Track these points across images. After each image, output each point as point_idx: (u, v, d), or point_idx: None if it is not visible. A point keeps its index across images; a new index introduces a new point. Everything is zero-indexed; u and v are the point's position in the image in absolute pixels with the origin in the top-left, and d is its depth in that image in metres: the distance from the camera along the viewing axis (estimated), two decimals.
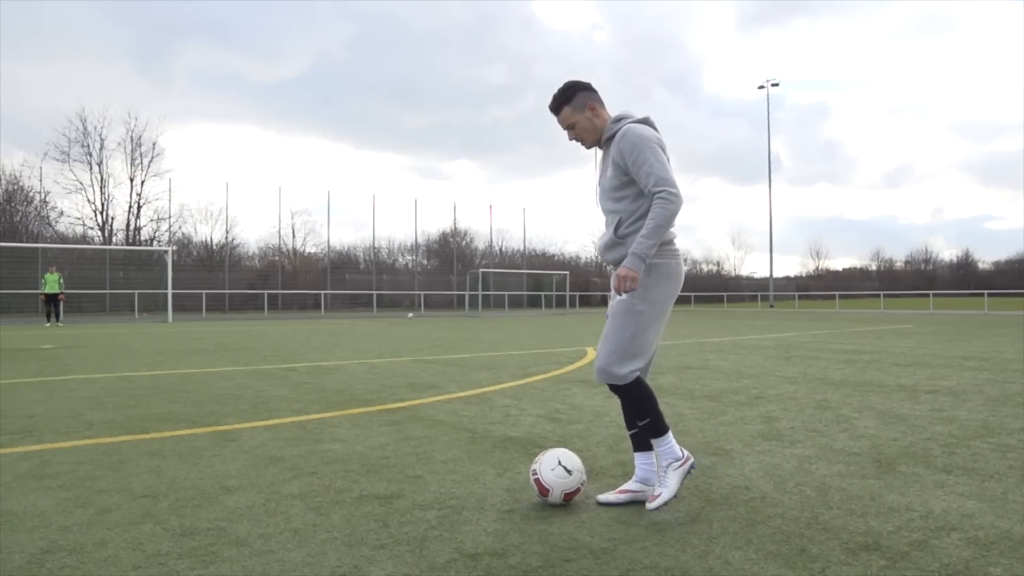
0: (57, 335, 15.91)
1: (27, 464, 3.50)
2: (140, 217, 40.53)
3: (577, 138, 2.95)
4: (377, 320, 26.40)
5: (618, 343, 2.76)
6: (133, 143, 40.25)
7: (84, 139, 39.02)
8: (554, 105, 2.94)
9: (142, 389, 6.32)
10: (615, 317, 2.81)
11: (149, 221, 40.76)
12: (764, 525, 2.55)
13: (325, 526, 2.54)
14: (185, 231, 41.39)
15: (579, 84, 2.93)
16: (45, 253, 29.76)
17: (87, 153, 39.10)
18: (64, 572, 2.11)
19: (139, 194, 40.25)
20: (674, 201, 2.67)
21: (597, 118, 2.91)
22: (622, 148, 2.75)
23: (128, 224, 40.32)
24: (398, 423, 4.62)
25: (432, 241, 49.29)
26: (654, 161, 2.70)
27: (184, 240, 41.18)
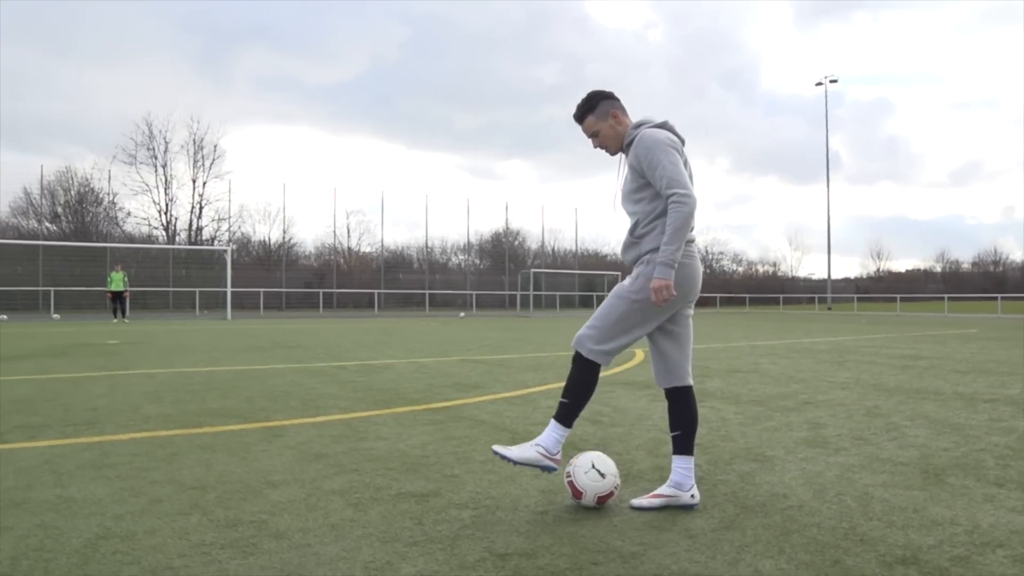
0: (122, 331, 16.57)
1: (89, 454, 3.68)
2: (202, 217, 41.86)
3: (601, 145, 3.03)
4: (429, 319, 26.70)
5: (601, 322, 2.87)
6: (196, 146, 41.63)
7: (150, 142, 40.54)
8: (578, 114, 3.02)
9: (198, 385, 6.55)
10: (611, 297, 2.91)
11: (210, 221, 42.07)
12: (799, 534, 2.52)
13: (362, 522, 2.62)
14: (244, 231, 42.61)
15: (602, 93, 3.02)
16: (113, 252, 30.99)
17: (152, 156, 40.61)
18: (116, 557, 2.24)
19: (201, 195, 41.58)
20: (686, 203, 2.71)
21: (620, 125, 2.98)
22: (637, 152, 2.83)
23: (190, 224, 41.67)
24: (441, 422, 4.70)
25: (484, 241, 49.59)
26: (667, 163, 2.75)
27: (243, 239, 42.37)
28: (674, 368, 2.96)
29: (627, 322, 2.84)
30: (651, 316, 2.87)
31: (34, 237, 34.10)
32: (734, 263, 63.75)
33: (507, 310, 41.10)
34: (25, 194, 36.30)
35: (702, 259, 3.10)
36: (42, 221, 36.66)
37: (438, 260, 48.25)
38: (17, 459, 3.58)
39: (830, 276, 52.71)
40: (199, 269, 36.39)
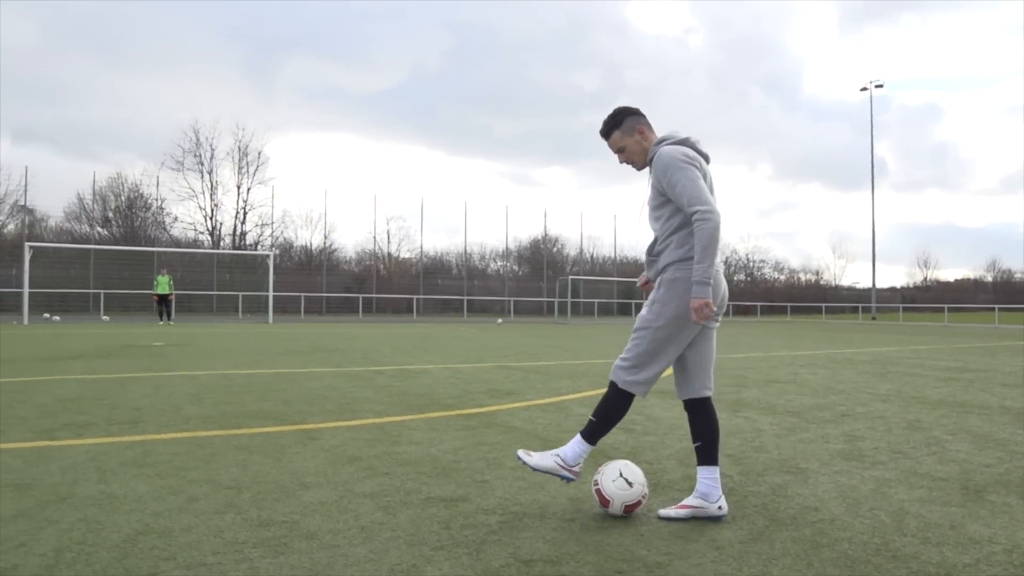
0: (168, 333, 17.00)
1: (131, 452, 3.80)
2: (246, 222, 42.69)
3: (628, 161, 3.07)
4: (467, 325, 26.83)
5: (631, 353, 2.93)
6: (240, 152, 42.51)
7: (196, 149, 41.51)
8: (604, 130, 3.08)
9: (238, 387, 6.70)
10: (635, 328, 2.96)
11: (254, 226, 42.87)
12: (829, 548, 2.49)
13: (391, 525, 2.66)
14: (287, 236, 43.32)
15: (627, 109, 3.07)
16: (160, 256, 31.79)
17: (199, 162, 41.57)
18: (153, 552, 2.31)
19: (245, 200, 42.42)
20: (710, 218, 2.73)
21: (645, 141, 3.03)
22: (656, 171, 2.88)
23: (235, 229, 42.53)
24: (473, 428, 4.73)
25: (523, 248, 49.66)
26: (685, 181, 2.78)
27: (286, 244, 43.09)
28: (694, 380, 2.98)
29: (655, 350, 2.89)
30: (677, 339, 2.90)
31: (86, 241, 35.18)
32: (776, 271, 62.73)
33: (545, 317, 41.07)
34: (78, 199, 37.50)
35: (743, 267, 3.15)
36: (93, 226, 37.81)
37: (477, 266, 48.47)
38: (64, 456, 3.71)
39: (875, 285, 51.58)
40: (242, 273, 37.11)
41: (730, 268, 58.09)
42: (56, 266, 31.99)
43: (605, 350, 13.01)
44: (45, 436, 4.23)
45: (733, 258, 58.72)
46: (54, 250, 31.55)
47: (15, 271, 26.60)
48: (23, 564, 2.21)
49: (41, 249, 28.71)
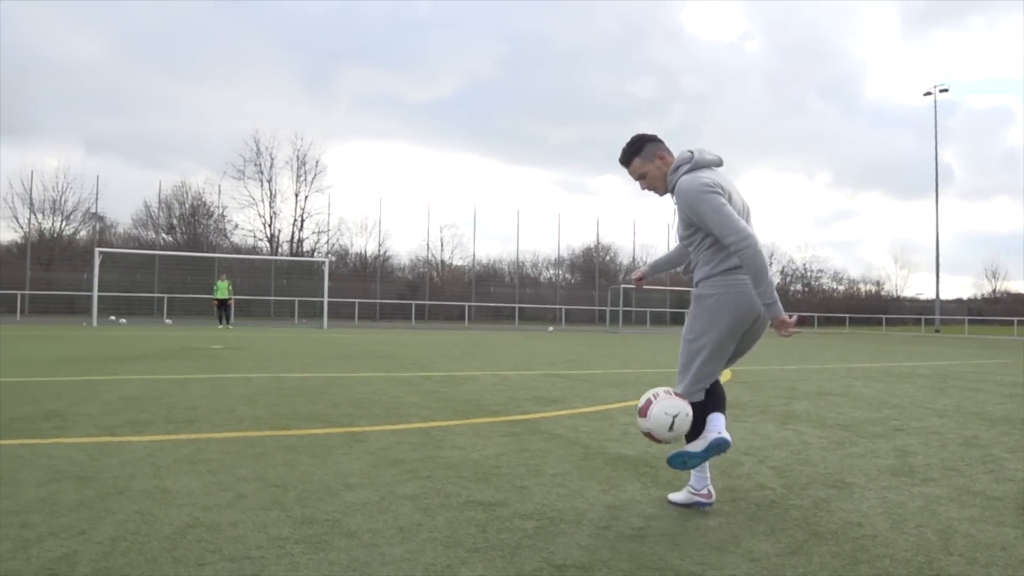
0: (226, 337, 17.52)
1: (186, 450, 3.96)
2: (303, 230, 43.72)
3: (649, 187, 3.16)
4: (517, 333, 26.90)
5: (684, 368, 3.12)
6: (299, 161, 43.59)
7: (257, 158, 42.76)
8: (624, 158, 3.16)
9: (290, 389, 6.88)
10: (681, 345, 3.16)
11: (311, 234, 43.87)
12: (868, 565, 2.45)
13: (428, 526, 2.72)
14: (342, 243, 44.18)
15: (646, 136, 3.15)
16: (220, 262, 32.79)
17: (259, 171, 42.79)
18: (200, 544, 2.42)
19: (303, 208, 43.46)
20: (748, 245, 2.83)
21: (666, 166, 3.10)
22: (681, 204, 2.97)
23: (292, 236, 43.60)
24: (517, 435, 4.77)
25: (576, 256, 49.59)
26: (711, 213, 2.87)
27: (342, 251, 43.95)
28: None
29: (701, 361, 3.04)
30: (715, 340, 3.02)
31: (152, 247, 36.54)
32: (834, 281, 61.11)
33: (596, 325, 40.88)
34: (145, 207, 39.03)
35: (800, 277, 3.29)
36: (159, 232, 39.28)
37: (529, 274, 48.57)
38: (123, 451, 3.89)
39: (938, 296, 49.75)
40: (299, 279, 37.99)
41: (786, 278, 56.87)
42: (124, 271, 33.31)
43: (654, 359, 12.90)
44: (107, 432, 4.44)
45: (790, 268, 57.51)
46: (122, 255, 32.87)
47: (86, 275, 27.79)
48: (82, 550, 2.35)
49: (110, 255, 29.94)
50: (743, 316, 2.98)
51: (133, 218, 39.45)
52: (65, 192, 37.11)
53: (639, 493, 3.34)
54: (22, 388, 6.52)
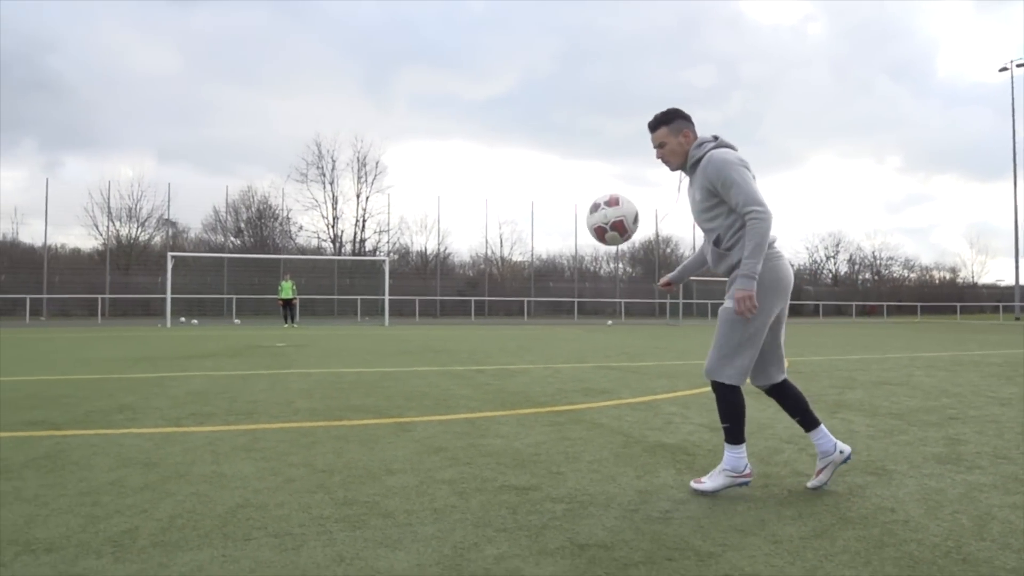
0: (290, 335, 18.11)
1: (243, 439, 4.20)
2: (365, 230, 44.62)
3: (663, 158, 3.19)
4: (576, 327, 26.92)
5: (723, 347, 3.07)
6: (359, 163, 44.50)
7: (319, 162, 43.83)
8: (653, 123, 3.19)
9: (347, 384, 7.14)
10: (722, 325, 3.09)
11: (372, 233, 44.74)
12: (894, 548, 2.46)
13: (462, 508, 2.85)
14: (403, 242, 44.93)
15: (681, 112, 3.19)
16: (285, 263, 33.81)
17: (321, 174, 43.87)
18: (248, 522, 2.61)
19: (364, 209, 44.36)
20: (763, 219, 2.89)
21: (688, 143, 3.15)
22: (708, 173, 3.01)
23: (355, 236, 44.55)
24: (560, 424, 4.87)
25: (636, 249, 49.20)
26: (740, 181, 2.94)
27: (403, 250, 44.70)
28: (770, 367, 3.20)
29: (745, 338, 3.04)
30: (762, 324, 3.05)
31: (221, 250, 37.92)
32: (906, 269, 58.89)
33: (657, 318, 40.49)
34: (214, 212, 40.51)
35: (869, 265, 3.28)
36: (227, 236, 40.70)
37: (588, 268, 48.42)
38: (186, 440, 4.16)
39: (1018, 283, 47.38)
40: (362, 278, 38.81)
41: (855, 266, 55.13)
42: (195, 274, 34.71)
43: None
44: (173, 423, 4.74)
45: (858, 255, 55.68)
46: (193, 259, 34.25)
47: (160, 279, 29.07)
48: (143, 526, 2.57)
49: (182, 258, 31.25)
50: (790, 288, 3.12)
51: (203, 223, 41.04)
52: (140, 200, 38.90)
53: (672, 479, 3.40)
54: (100, 385, 6.95)
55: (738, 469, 3.08)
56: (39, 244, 35.49)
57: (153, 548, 2.36)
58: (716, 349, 3.09)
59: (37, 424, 4.70)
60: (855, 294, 49.54)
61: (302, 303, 28.95)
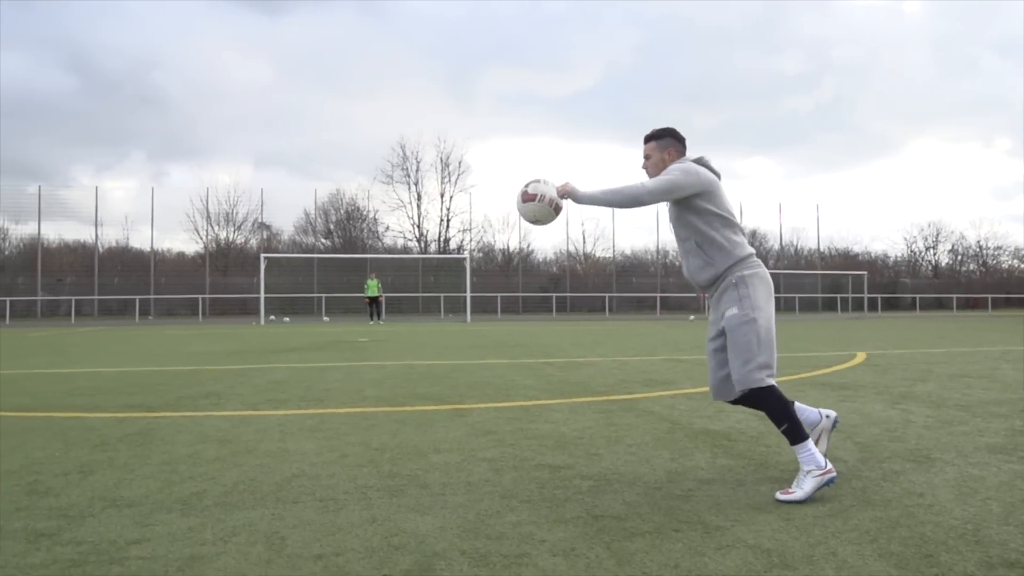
0: (374, 331, 18.81)
1: (311, 422, 4.57)
2: (449, 229, 45.50)
3: (645, 169, 3.38)
4: (656, 322, 26.72)
5: (744, 353, 2.97)
6: (442, 163, 45.40)
7: (403, 163, 44.94)
8: (648, 135, 3.38)
9: (417, 375, 7.49)
10: (734, 331, 3.01)
11: (456, 232, 45.56)
12: (908, 529, 2.50)
13: (494, 482, 3.07)
14: (486, 239, 45.55)
15: (674, 132, 3.38)
16: (372, 263, 34.95)
17: (406, 175, 44.97)
18: (300, 489, 2.93)
19: (448, 208, 45.22)
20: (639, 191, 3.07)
21: (669, 162, 3.29)
22: None
23: (439, 235, 45.50)
24: (612, 412, 5.02)
25: None
26: (668, 174, 3.09)
27: (486, 248, 45.33)
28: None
29: (765, 337, 3.01)
30: (769, 317, 3.07)
31: (311, 251, 39.53)
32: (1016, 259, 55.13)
33: None
34: (305, 214, 42.21)
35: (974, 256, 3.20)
36: (317, 237, 42.38)
37: (673, 263, 47.74)
38: (260, 422, 4.56)
39: None
40: (445, 276, 39.59)
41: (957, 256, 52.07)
42: (287, 274, 36.31)
43: (787, 344, 12.52)
44: (251, 408, 5.17)
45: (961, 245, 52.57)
46: (286, 260, 35.87)
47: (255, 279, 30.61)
48: (209, 490, 2.93)
49: (275, 260, 32.81)
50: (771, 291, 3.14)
51: (295, 225, 42.82)
52: (236, 205, 41.00)
53: (705, 462, 3.51)
54: (192, 375, 7.56)
55: (820, 465, 2.88)
56: (147, 249, 37.99)
57: (215, 507, 2.69)
58: (737, 358, 2.98)
59: (134, 407, 5.23)
60: (956, 286, 46.77)
61: (388, 301, 29.90)
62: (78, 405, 5.38)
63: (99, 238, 37.02)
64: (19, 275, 35.92)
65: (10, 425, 4.56)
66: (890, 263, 48.89)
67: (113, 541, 2.33)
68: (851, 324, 24.54)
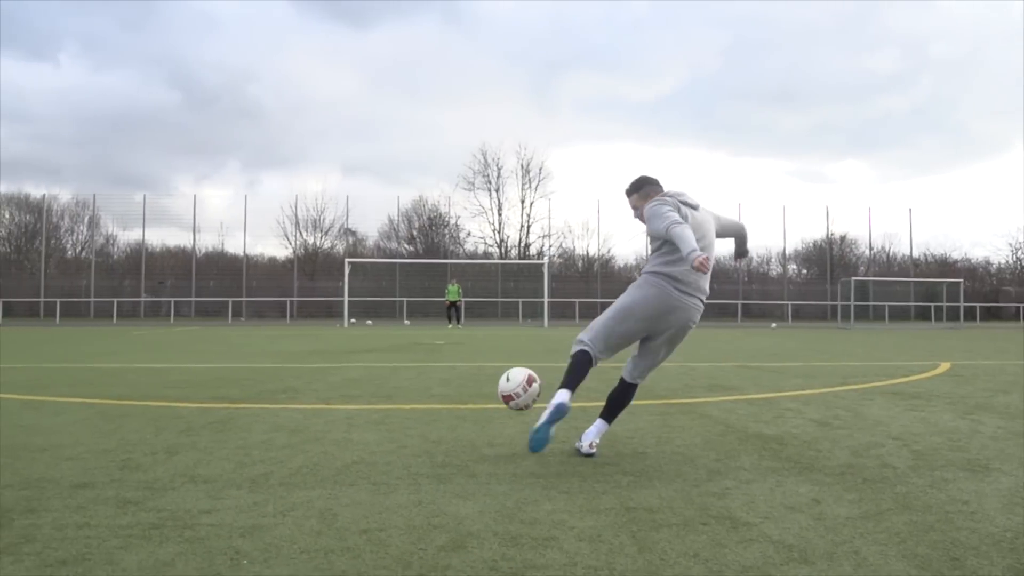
0: (452, 335, 19.24)
1: (376, 416, 4.85)
2: (529, 234, 45.85)
3: (639, 218, 3.86)
4: (736, 330, 26.19)
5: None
6: (523, 169, 45.81)
7: (485, 169, 45.61)
8: (628, 190, 3.98)
9: (485, 376, 7.71)
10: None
11: (536, 238, 45.86)
12: (941, 534, 2.50)
13: (539, 474, 3.23)
14: (566, 245, 45.65)
15: (648, 179, 3.97)
16: (453, 268, 35.67)
17: (487, 181, 45.61)
18: (356, 474, 3.18)
19: (528, 214, 45.58)
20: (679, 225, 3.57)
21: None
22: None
23: (520, 241, 45.91)
24: (668, 414, 5.09)
25: (810, 249, 46.65)
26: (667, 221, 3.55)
27: (567, 254, 45.42)
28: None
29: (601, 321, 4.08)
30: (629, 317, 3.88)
31: (395, 257, 40.62)
32: None
33: (829, 321, 38.23)
34: (389, 221, 43.41)
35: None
36: (400, 243, 43.50)
37: (756, 270, 46.60)
38: (330, 415, 4.87)
39: None
40: (525, 281, 39.94)
41: None
42: (371, 278, 37.46)
43: (869, 353, 12.14)
44: (323, 402, 5.51)
45: None
46: (370, 264, 37.00)
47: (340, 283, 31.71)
48: (276, 472, 3.22)
49: (359, 265, 33.92)
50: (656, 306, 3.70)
51: (379, 231, 44.09)
52: (323, 211, 42.60)
53: (750, 463, 3.56)
54: (275, 372, 8.04)
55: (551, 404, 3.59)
56: (240, 254, 39.94)
57: (279, 486, 2.97)
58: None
59: (219, 398, 5.66)
60: None
61: (467, 305, 30.43)
62: (169, 396, 5.86)
63: (197, 243, 39.22)
64: (126, 278, 38.49)
65: (110, 411, 5.04)
66: (992, 270, 46.17)
67: (188, 510, 2.62)
68: (943, 334, 23.37)
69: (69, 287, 36.66)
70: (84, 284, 36.84)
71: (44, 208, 39.52)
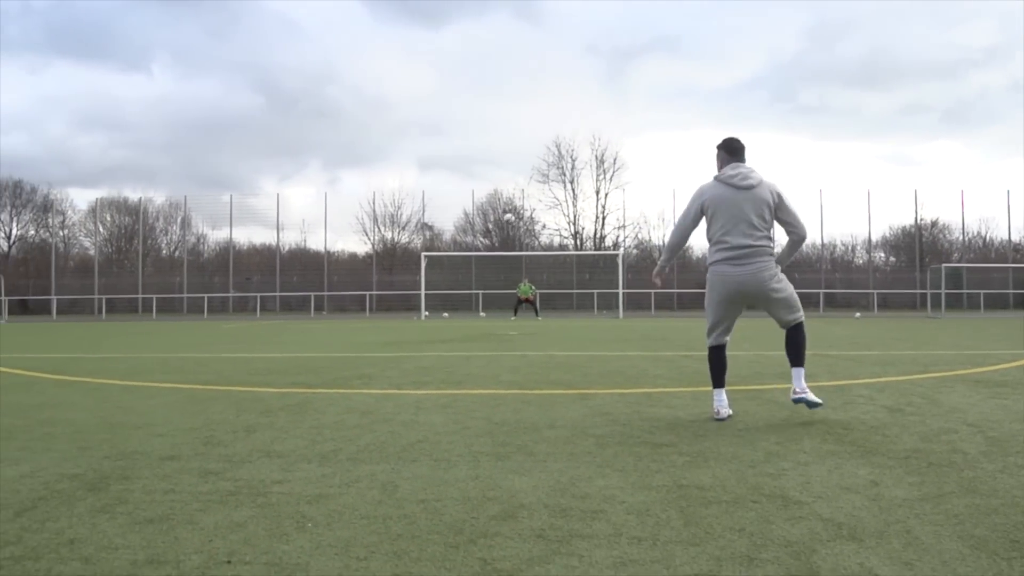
0: (523, 325, 19.41)
1: (444, 400, 5.02)
2: (604, 226, 45.59)
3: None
4: (818, 319, 25.37)
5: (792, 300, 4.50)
6: (597, 160, 45.54)
7: (559, 162, 45.56)
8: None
9: (554, 364, 7.81)
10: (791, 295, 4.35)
11: (612, 229, 45.54)
12: (1002, 516, 2.43)
13: (596, 454, 3.31)
14: (642, 236, 45.17)
15: (724, 145, 4.43)
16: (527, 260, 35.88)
17: (561, 173, 45.56)
18: (420, 451, 3.35)
19: (603, 206, 45.31)
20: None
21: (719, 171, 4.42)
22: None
23: (595, 232, 45.70)
24: (735, 400, 5.01)
25: (898, 236, 44.63)
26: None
27: (643, 245, 44.95)
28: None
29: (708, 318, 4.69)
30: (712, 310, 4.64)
31: (471, 250, 41.13)
32: None
33: (918, 311, 36.54)
34: (464, 214, 43.96)
35: None
36: (476, 236, 43.99)
37: (840, 258, 44.93)
38: (400, 399, 5.08)
39: None
40: (600, 273, 39.77)
41: None
42: (448, 272, 38.07)
43: (956, 342, 11.61)
44: (395, 387, 5.74)
45: None
46: (447, 258, 37.60)
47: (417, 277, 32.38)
48: (345, 448, 3.42)
49: (436, 258, 34.53)
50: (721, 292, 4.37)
51: (455, 225, 44.72)
52: (401, 207, 43.52)
53: (811, 447, 3.53)
54: (351, 360, 8.36)
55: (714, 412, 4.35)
56: (322, 250, 41.27)
57: (347, 461, 3.16)
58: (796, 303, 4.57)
59: (297, 384, 5.98)
60: None
61: (543, 297, 30.56)
62: (252, 381, 6.21)
63: (281, 241, 40.75)
64: (215, 274, 40.39)
65: (198, 394, 5.41)
66: None
67: (262, 480, 2.84)
68: None
69: (164, 284, 38.75)
70: (177, 281, 38.88)
71: (141, 210, 41.90)
